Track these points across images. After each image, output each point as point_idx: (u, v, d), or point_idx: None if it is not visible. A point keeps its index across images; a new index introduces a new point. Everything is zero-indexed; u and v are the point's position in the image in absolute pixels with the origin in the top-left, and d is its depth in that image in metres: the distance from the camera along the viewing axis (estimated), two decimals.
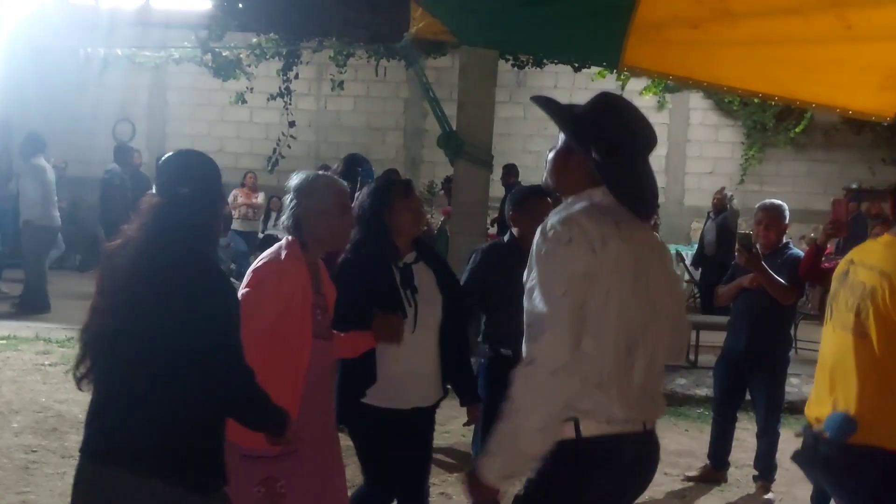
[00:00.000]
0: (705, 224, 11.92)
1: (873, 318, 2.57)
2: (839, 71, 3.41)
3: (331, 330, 3.17)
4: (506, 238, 4.39)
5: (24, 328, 8.58)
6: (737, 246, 5.09)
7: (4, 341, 8.03)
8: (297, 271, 2.99)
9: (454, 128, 8.22)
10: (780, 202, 5.20)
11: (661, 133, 12.81)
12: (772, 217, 5.07)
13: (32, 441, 5.39)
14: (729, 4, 3.11)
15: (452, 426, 6.12)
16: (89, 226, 11.98)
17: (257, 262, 3.03)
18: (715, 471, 5.44)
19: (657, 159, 14.24)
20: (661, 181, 14.27)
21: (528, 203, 4.15)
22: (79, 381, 2.45)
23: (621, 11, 3.28)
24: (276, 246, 3.08)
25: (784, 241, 5.11)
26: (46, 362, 7.38)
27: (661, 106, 13.89)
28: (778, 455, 5.07)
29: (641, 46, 3.42)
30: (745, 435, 5.78)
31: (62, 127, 13.12)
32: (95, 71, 11.36)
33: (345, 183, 3.20)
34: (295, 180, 3.09)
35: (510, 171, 10.93)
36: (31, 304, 9.63)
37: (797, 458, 2.88)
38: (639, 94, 12.52)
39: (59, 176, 10.39)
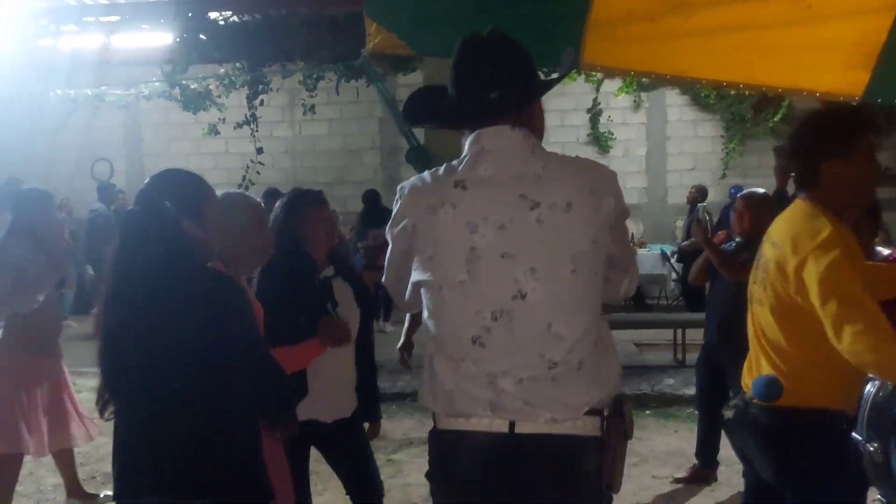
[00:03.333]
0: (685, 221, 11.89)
1: (770, 290, 2.58)
2: (802, 53, 3.36)
3: None
4: None
5: None
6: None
7: None
8: None
9: (422, 141, 8.17)
10: (760, 191, 5.13)
11: (639, 133, 12.76)
12: (746, 205, 4.99)
13: None
14: None
15: None
16: (75, 265, 11.88)
17: None
18: (704, 469, 5.30)
19: (637, 159, 14.21)
20: (642, 181, 14.22)
21: None
22: (101, 412, 2.40)
23: (576, 12, 3.24)
24: None
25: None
26: None
27: (637, 105, 13.85)
28: None
29: (600, 44, 3.36)
30: None
31: (40, 171, 13.05)
32: (68, 112, 11.33)
33: (256, 199, 3.12)
34: None
35: None
36: None
37: (727, 425, 2.91)
38: (614, 94, 12.49)
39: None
